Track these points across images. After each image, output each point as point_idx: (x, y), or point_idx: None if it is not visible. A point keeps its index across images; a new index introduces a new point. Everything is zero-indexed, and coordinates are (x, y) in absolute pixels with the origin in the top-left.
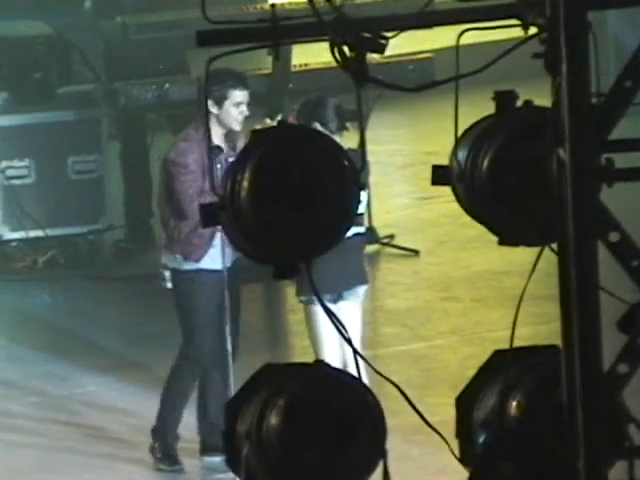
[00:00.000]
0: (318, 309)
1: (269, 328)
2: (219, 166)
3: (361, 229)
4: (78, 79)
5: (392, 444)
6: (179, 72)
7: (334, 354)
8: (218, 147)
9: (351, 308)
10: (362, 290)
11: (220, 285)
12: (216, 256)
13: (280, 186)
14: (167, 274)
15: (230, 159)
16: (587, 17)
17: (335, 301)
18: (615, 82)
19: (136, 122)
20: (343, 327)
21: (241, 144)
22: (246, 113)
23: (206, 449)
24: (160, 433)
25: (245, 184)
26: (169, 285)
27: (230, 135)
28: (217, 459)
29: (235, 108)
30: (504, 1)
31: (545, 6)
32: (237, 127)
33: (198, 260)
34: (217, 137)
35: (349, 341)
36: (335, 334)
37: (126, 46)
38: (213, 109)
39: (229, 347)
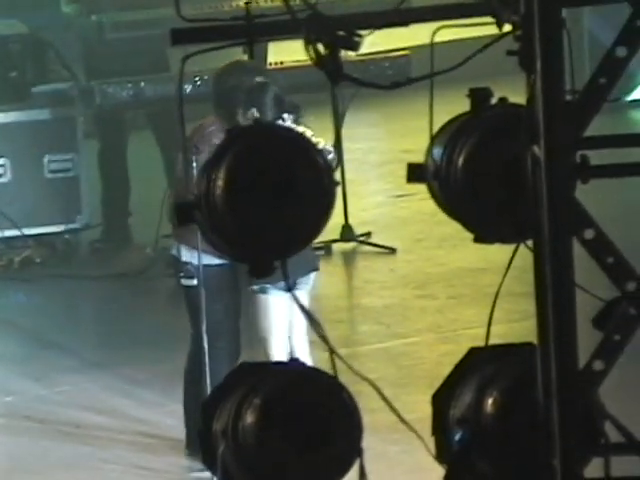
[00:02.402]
0: (270, 298)
1: (245, 327)
2: None
3: None
4: (54, 78)
5: (368, 442)
6: (156, 70)
7: (284, 344)
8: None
9: (302, 295)
10: (312, 276)
11: (231, 278)
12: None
13: (255, 184)
14: (190, 269)
15: None
16: (561, 14)
17: (287, 291)
18: (590, 79)
19: (113, 121)
20: (319, 325)
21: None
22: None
23: (190, 443)
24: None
25: (220, 183)
26: (194, 282)
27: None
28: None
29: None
30: None
31: (519, 3)
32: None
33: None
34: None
35: (325, 338)
36: (284, 323)
37: (102, 44)
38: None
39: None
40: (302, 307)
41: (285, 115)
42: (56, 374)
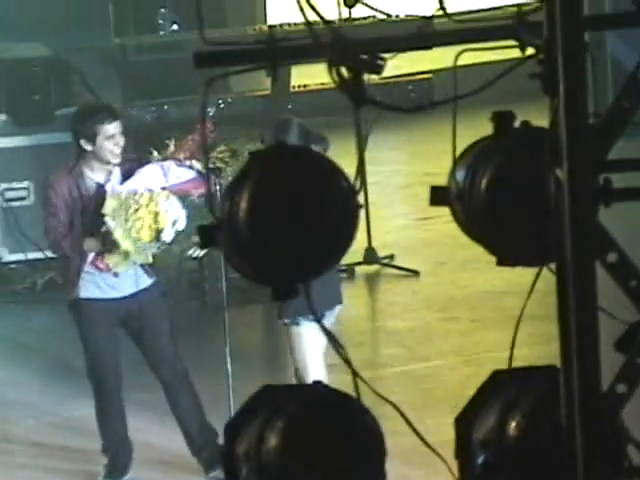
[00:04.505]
0: (302, 330)
1: (268, 349)
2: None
3: None
4: (78, 100)
5: (391, 466)
6: (181, 93)
7: (321, 375)
8: (98, 184)
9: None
10: (337, 310)
11: (115, 313)
12: (118, 284)
13: (278, 207)
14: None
15: (124, 184)
16: (584, 38)
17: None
18: (613, 102)
19: (137, 143)
20: (342, 348)
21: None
22: (121, 144)
23: (207, 467)
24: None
25: (243, 205)
26: None
27: (128, 164)
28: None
29: (108, 141)
30: (502, 22)
31: (542, 27)
32: (114, 160)
33: (73, 295)
34: (100, 172)
35: (348, 361)
36: (319, 355)
37: (126, 67)
38: (88, 146)
39: (179, 368)
40: (326, 330)
41: (312, 147)
42: (78, 397)
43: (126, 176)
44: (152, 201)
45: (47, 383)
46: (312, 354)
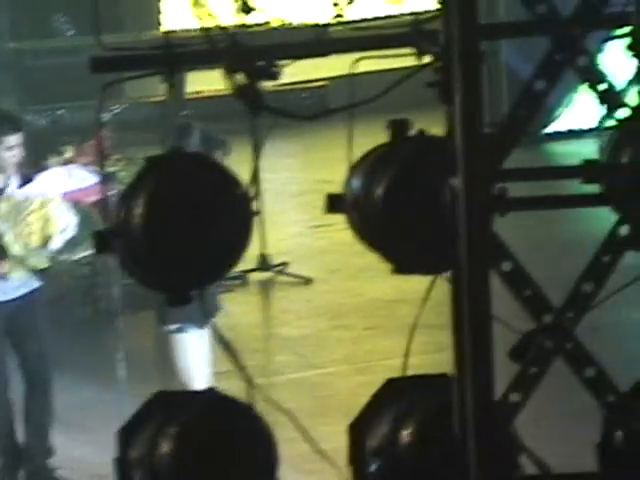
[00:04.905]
0: (187, 337)
1: (162, 356)
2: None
3: None
4: None
5: (284, 473)
6: (77, 98)
7: (205, 382)
8: None
9: (207, 336)
10: (217, 316)
11: (3, 314)
12: (4, 287)
13: (173, 213)
14: None
15: (23, 189)
16: (480, 47)
17: (201, 327)
18: (509, 112)
19: (33, 148)
20: (236, 354)
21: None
22: (20, 155)
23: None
24: None
25: (138, 211)
26: None
27: (26, 169)
28: None
29: (8, 152)
30: (399, 30)
31: (439, 35)
32: (11, 170)
33: None
34: None
35: (242, 368)
36: (202, 362)
37: (21, 72)
38: None
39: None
40: (221, 337)
41: (214, 151)
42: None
43: (25, 181)
44: (43, 207)
45: None
46: (198, 362)
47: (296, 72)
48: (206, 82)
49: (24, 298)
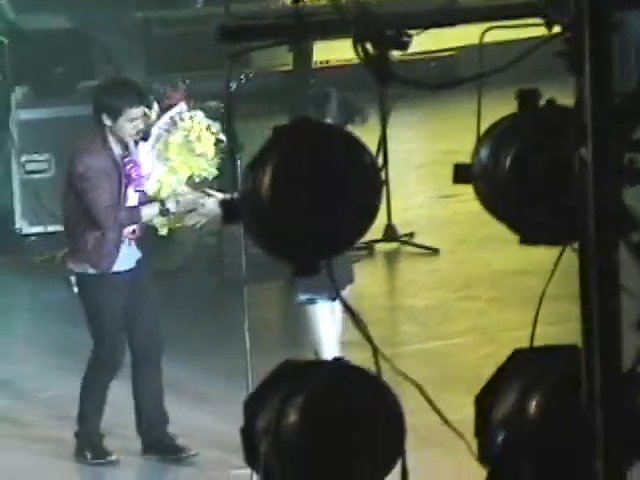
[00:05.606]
0: (318, 308)
1: (287, 326)
2: (131, 170)
3: None
4: (99, 74)
5: (410, 444)
6: (204, 67)
7: (336, 352)
8: (122, 156)
9: (338, 309)
10: (348, 289)
11: (126, 285)
12: (120, 258)
13: (302, 182)
14: (73, 279)
15: (126, 159)
16: (611, 17)
17: (333, 299)
18: (638, 81)
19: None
20: (364, 325)
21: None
22: (140, 127)
23: (146, 449)
24: (84, 432)
25: (266, 180)
26: (76, 290)
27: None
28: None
29: (129, 123)
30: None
31: (569, 5)
32: (130, 140)
33: (108, 268)
34: (116, 145)
35: (369, 338)
36: (334, 333)
37: (149, 41)
38: (107, 121)
39: (159, 345)
40: (348, 307)
41: (354, 118)
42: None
43: (137, 143)
44: (194, 121)
45: (62, 356)
46: (328, 332)
47: (424, 41)
48: (333, 52)
49: (138, 269)
